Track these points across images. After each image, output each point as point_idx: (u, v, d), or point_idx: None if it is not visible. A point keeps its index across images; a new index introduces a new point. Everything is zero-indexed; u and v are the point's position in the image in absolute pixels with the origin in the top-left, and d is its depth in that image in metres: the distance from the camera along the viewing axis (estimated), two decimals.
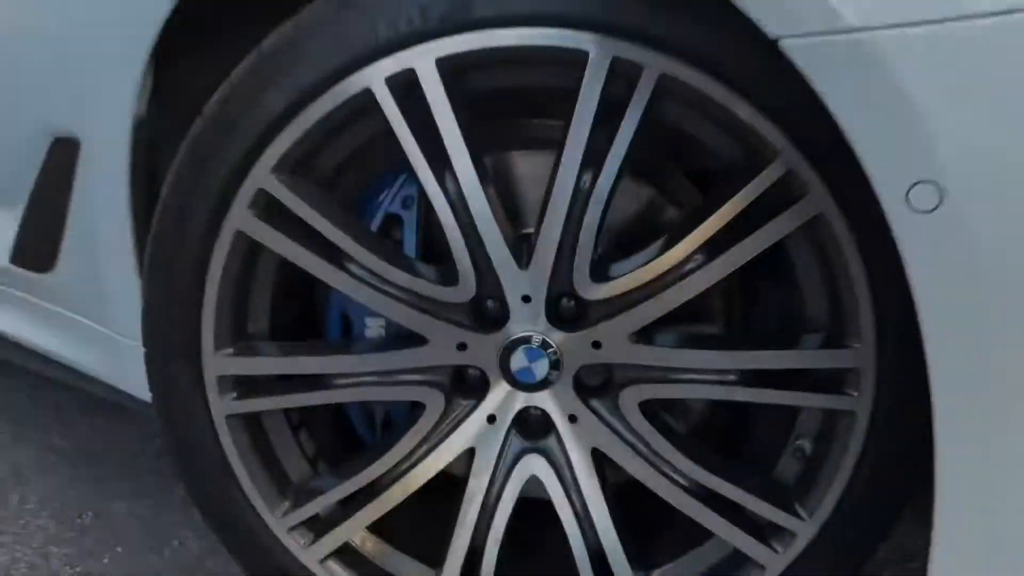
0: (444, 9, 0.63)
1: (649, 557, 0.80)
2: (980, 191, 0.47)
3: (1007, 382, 0.49)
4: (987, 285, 0.47)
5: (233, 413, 0.76)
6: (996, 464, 0.51)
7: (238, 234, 0.71)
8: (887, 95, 0.47)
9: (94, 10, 0.80)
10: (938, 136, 0.46)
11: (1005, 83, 0.46)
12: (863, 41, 0.47)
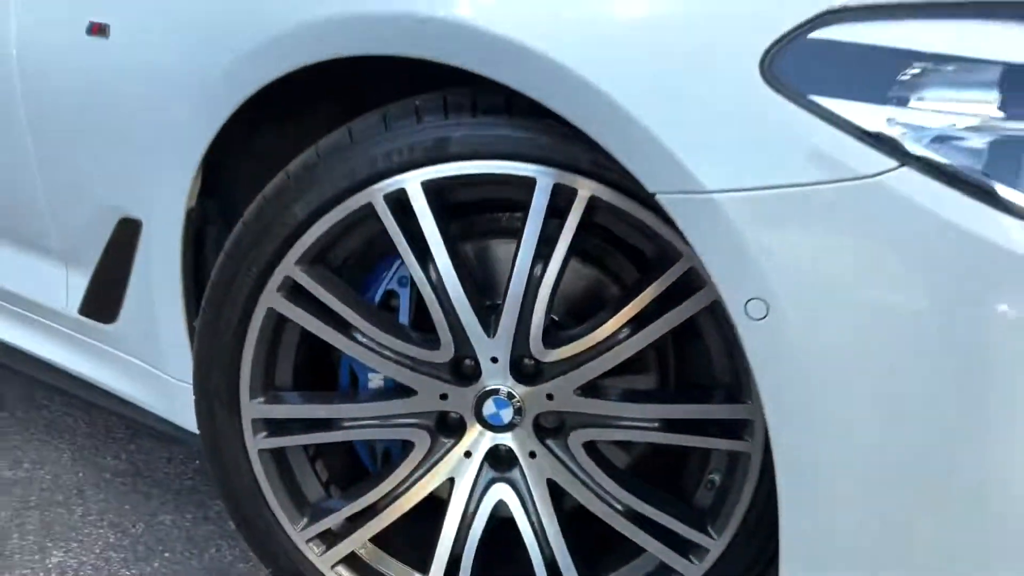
0: (428, 146, 0.83)
1: (596, 567, 0.98)
2: (796, 307, 0.66)
3: (822, 437, 0.68)
4: (797, 367, 0.67)
5: (263, 448, 0.97)
6: (819, 497, 0.70)
7: (269, 310, 0.91)
8: (727, 237, 0.66)
9: (160, 126, 1.01)
10: (764, 267, 0.66)
11: (809, 234, 0.65)
12: (711, 199, 0.66)
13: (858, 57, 0.64)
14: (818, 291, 0.65)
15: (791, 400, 0.68)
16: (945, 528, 0.67)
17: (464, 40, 0.76)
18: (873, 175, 0.62)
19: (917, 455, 0.66)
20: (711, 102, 0.67)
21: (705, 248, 0.68)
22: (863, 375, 0.66)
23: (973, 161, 0.62)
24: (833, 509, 0.71)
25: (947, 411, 0.64)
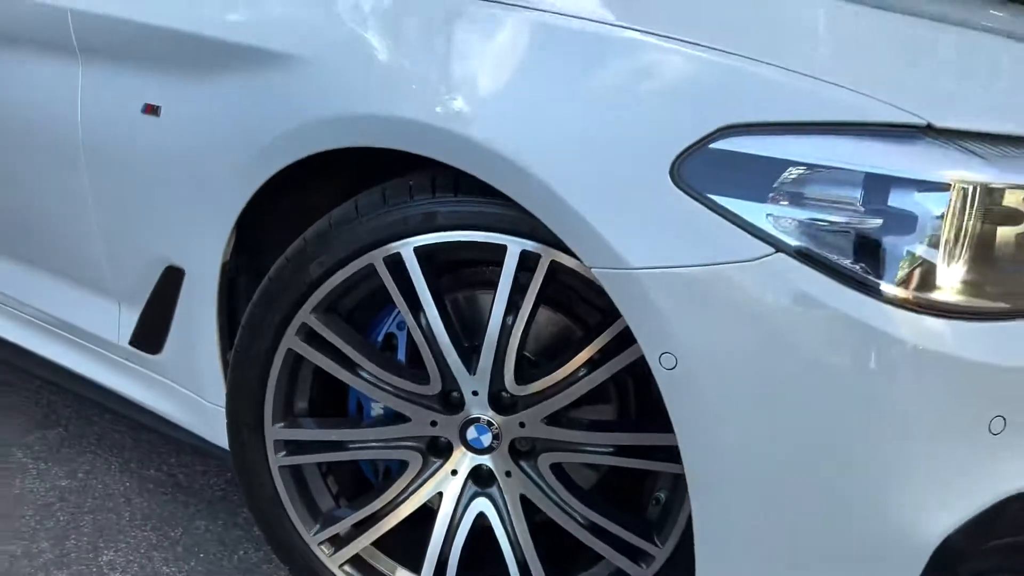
0: (419, 219, 1.02)
1: (562, 572, 1.15)
2: (698, 360, 0.83)
3: (718, 459, 0.85)
4: (699, 406, 0.84)
5: (283, 465, 1.15)
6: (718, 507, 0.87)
7: (289, 350, 1.10)
8: (645, 304, 0.83)
9: (201, 193, 1.21)
10: (674, 328, 0.83)
11: (707, 302, 0.82)
12: (633, 274, 0.84)
13: (746, 164, 0.81)
14: (715, 347, 0.82)
15: (695, 430, 0.85)
16: (816, 532, 0.84)
17: (434, 138, 0.95)
18: (754, 259, 0.80)
19: (794, 474, 0.83)
20: (633, 197, 0.85)
21: (629, 311, 0.85)
22: (748, 412, 0.82)
23: (834, 249, 0.79)
24: (730, 517, 0.87)
25: (815, 441, 0.81)
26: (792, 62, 0.84)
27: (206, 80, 1.19)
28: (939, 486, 0.79)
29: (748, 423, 0.83)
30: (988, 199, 0.79)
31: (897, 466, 0.80)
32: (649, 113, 0.86)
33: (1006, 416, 0.78)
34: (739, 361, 0.82)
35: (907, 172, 0.79)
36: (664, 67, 0.87)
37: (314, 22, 1.09)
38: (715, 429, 0.84)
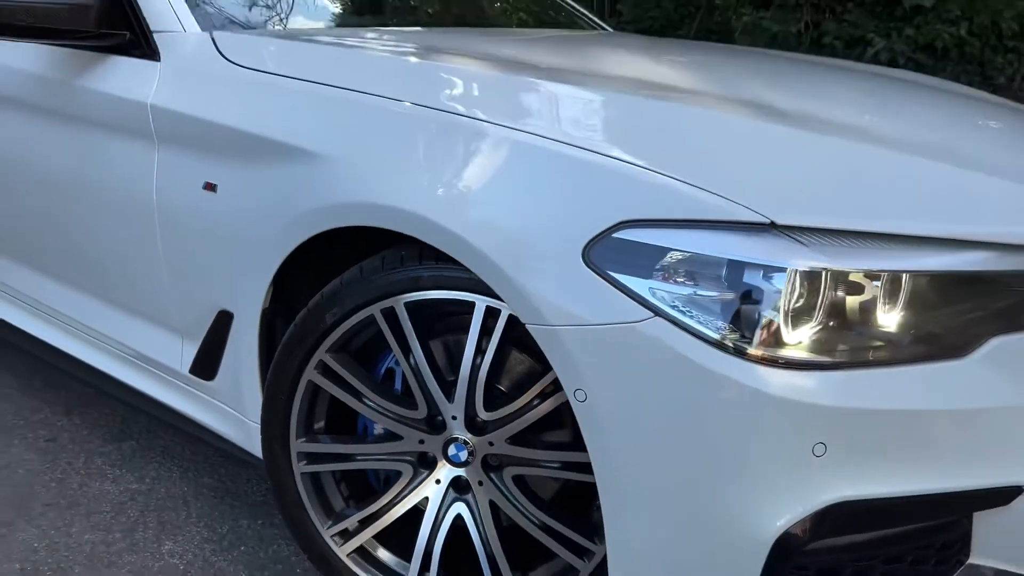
0: (407, 281, 1.31)
1: (527, 565, 1.42)
2: (601, 395, 1.10)
3: (618, 475, 1.12)
4: (603, 431, 1.11)
5: (304, 472, 1.45)
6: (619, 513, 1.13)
7: (309, 382, 1.41)
8: (562, 351, 1.11)
9: (248, 252, 1.52)
10: (583, 371, 1.10)
11: (606, 351, 1.09)
12: (554, 330, 1.12)
13: (637, 249, 1.09)
14: (612, 387, 1.10)
15: (601, 450, 1.12)
16: (691, 527, 1.10)
17: (414, 222, 1.24)
18: (639, 321, 1.07)
19: (672, 484, 1.09)
20: (556, 273, 1.12)
21: (552, 357, 1.13)
22: (637, 438, 1.09)
23: (698, 315, 1.06)
24: (627, 515, 1.14)
25: (686, 462, 1.07)
26: (676, 170, 1.12)
27: (252, 166, 1.51)
28: (776, 496, 1.05)
29: (637, 446, 1.09)
30: (813, 279, 1.05)
31: (745, 480, 1.05)
32: (569, 209, 1.14)
33: (826, 443, 1.04)
34: (630, 398, 1.09)
35: (756, 259, 1.05)
36: (581, 173, 1.15)
37: (334, 130, 1.40)
38: (614, 449, 1.11)
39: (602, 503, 1.15)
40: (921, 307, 1.10)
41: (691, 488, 1.09)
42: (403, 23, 2.27)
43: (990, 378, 1.12)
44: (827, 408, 1.03)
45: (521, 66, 1.55)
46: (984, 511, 1.17)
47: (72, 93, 1.87)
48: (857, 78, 2.02)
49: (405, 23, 2.26)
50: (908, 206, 1.16)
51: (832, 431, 1.04)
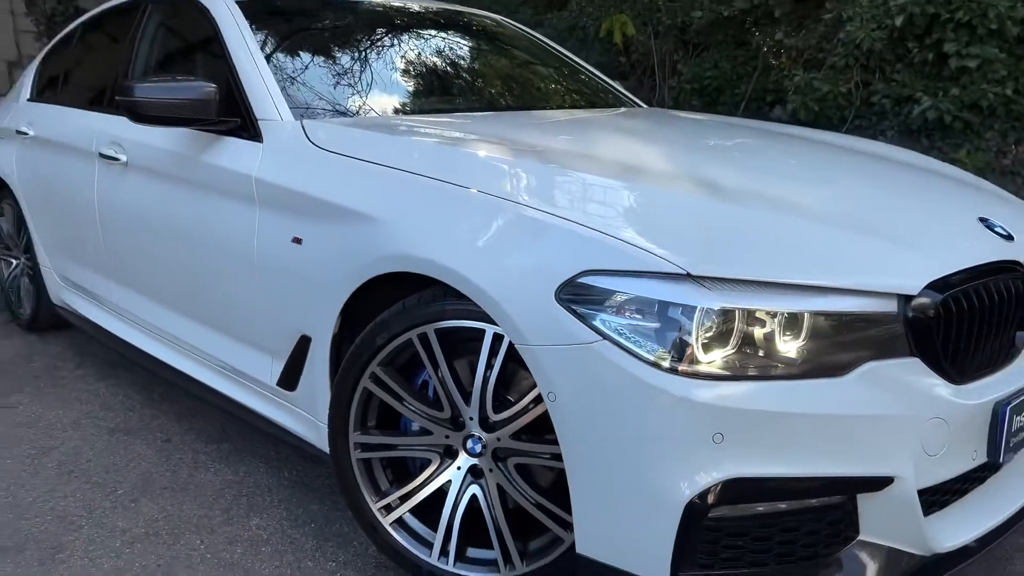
0: (436, 313, 1.76)
1: (526, 537, 1.82)
2: (566, 396, 1.51)
3: (581, 460, 1.52)
4: (569, 424, 1.51)
5: (359, 458, 1.90)
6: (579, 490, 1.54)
7: (364, 389, 1.86)
8: (538, 365, 1.53)
9: (323, 290, 2.00)
10: (553, 379, 1.52)
11: (571, 365, 1.51)
12: (533, 348, 1.54)
13: (593, 291, 1.50)
14: (573, 391, 1.51)
15: (567, 439, 1.53)
16: (631, 496, 1.48)
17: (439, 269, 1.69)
18: (591, 342, 1.48)
19: (616, 464, 1.49)
20: (537, 307, 1.55)
21: (532, 367, 1.55)
22: (592, 430, 1.50)
23: (635, 339, 1.46)
24: (586, 490, 1.53)
25: (625, 448, 1.47)
26: (625, 235, 1.53)
27: (327, 224, 2.00)
28: (686, 473, 1.43)
29: (593, 436, 1.50)
30: (719, 315, 1.44)
31: (666, 462, 1.44)
32: (547, 260, 1.56)
33: (724, 433, 1.42)
34: (586, 400, 1.49)
35: (676, 299, 1.46)
36: (557, 234, 1.57)
37: (383, 199, 1.87)
38: (577, 439, 1.52)
39: (569, 481, 1.56)
40: (810, 337, 1.48)
41: (630, 468, 1.48)
42: (464, 107, 2.74)
43: (863, 393, 1.49)
44: (723, 409, 1.42)
45: (530, 150, 2.00)
46: (866, 495, 1.52)
47: (196, 165, 2.42)
48: (812, 150, 2.40)
49: (465, 107, 2.74)
50: (800, 262, 1.54)
51: (728, 426, 1.42)
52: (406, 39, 2.99)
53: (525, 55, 3.34)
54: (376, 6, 3.18)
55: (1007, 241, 1.79)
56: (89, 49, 3.61)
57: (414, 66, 2.85)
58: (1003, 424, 1.63)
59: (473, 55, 3.14)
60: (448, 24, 3.28)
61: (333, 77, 2.59)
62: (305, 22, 2.90)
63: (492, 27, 3.45)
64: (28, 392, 3.13)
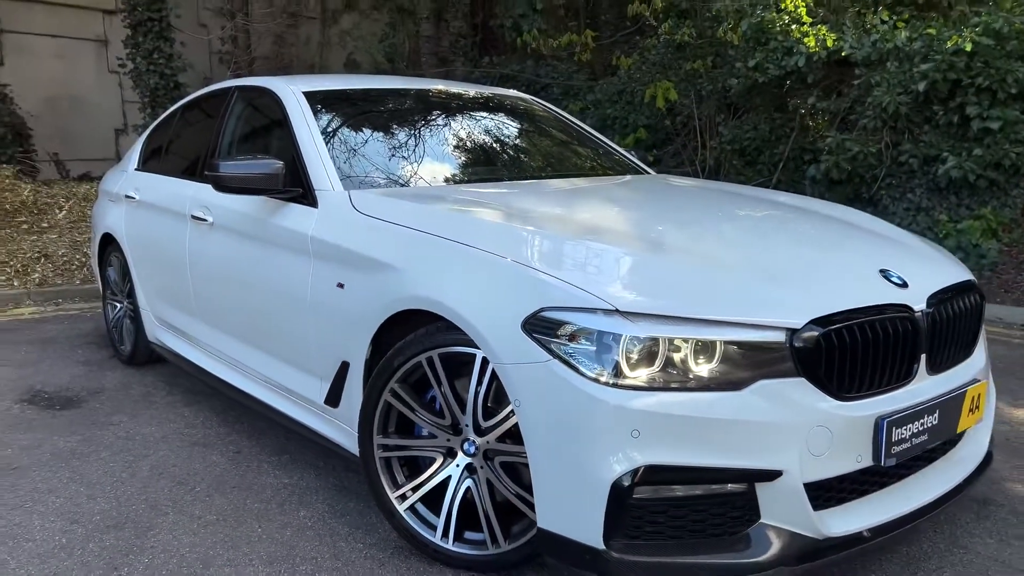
0: (439, 340, 2.26)
1: (510, 522, 2.28)
2: (526, 402, 1.99)
3: (537, 452, 1.99)
4: (529, 424, 1.99)
5: (381, 457, 2.41)
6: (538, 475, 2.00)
7: (385, 401, 2.37)
8: (508, 380, 2.02)
9: (358, 324, 2.53)
10: (518, 391, 2.00)
11: (532, 381, 1.98)
12: (504, 365, 2.03)
13: (549, 322, 1.99)
14: (531, 399, 1.98)
15: (530, 438, 1.99)
16: (574, 476, 1.93)
17: (439, 306, 2.20)
18: (544, 361, 1.97)
19: (565, 458, 1.94)
20: (508, 337, 2.03)
21: (504, 381, 2.04)
22: (547, 430, 1.96)
23: (578, 359, 1.94)
24: (544, 480, 1.99)
25: (570, 443, 1.93)
26: (576, 280, 2.01)
27: (363, 272, 2.54)
28: (612, 460, 1.87)
29: (547, 433, 1.96)
30: (639, 341, 1.90)
31: (598, 452, 1.89)
32: (516, 300, 2.05)
33: (640, 430, 1.87)
34: (542, 406, 1.96)
35: (608, 329, 1.92)
36: (525, 280, 2.06)
37: (403, 253, 2.41)
38: (536, 436, 1.98)
39: (531, 470, 2.02)
40: (717, 360, 1.92)
41: (573, 458, 1.93)
42: (484, 177, 3.28)
43: (756, 403, 1.92)
44: (640, 411, 1.87)
45: (520, 214, 2.52)
46: (762, 485, 1.94)
47: (266, 226, 3.02)
48: (757, 210, 2.89)
49: (484, 178, 3.27)
50: (710, 302, 1.99)
51: (643, 425, 1.87)
52: (438, 119, 3.57)
53: (548, 131, 3.89)
54: (415, 92, 3.79)
55: (901, 288, 2.19)
56: (185, 127, 4.32)
57: (443, 143, 3.42)
58: (883, 435, 2.02)
59: (497, 132, 3.69)
60: (478, 105, 3.86)
61: (375, 154, 3.17)
62: (355, 108, 3.51)
63: (520, 106, 4.01)
64: (127, 413, 3.76)
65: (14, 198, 8.50)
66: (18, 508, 2.79)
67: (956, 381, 2.28)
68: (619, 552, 1.93)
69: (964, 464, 2.41)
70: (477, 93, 4.00)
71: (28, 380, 4.28)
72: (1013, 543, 2.46)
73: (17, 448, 3.34)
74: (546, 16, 10.29)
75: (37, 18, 10.68)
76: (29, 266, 6.98)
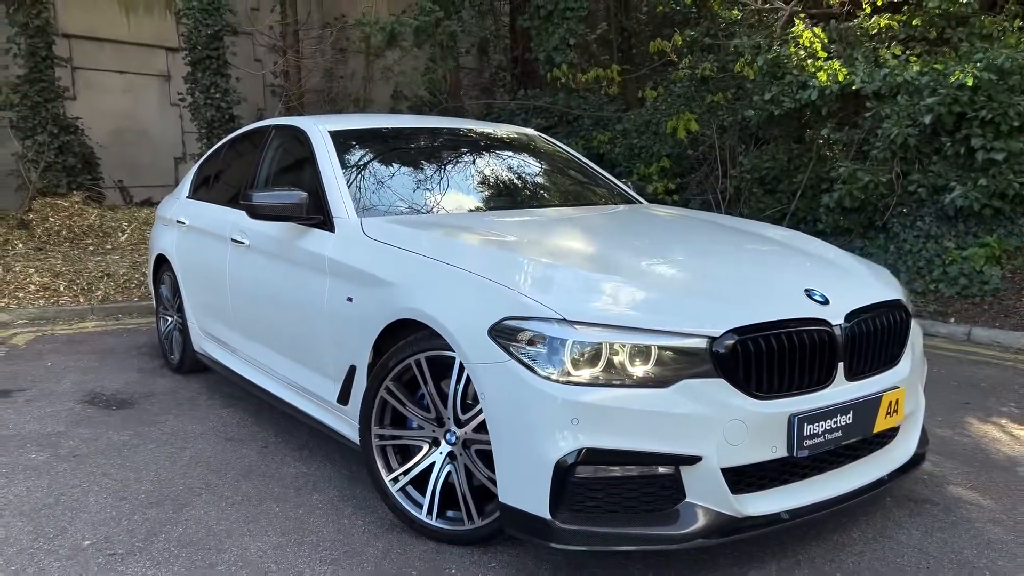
0: (424, 346, 2.67)
1: (485, 503, 2.66)
2: (491, 396, 2.38)
3: (496, 437, 2.38)
4: (491, 413, 2.38)
5: (378, 445, 2.82)
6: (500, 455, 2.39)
7: (381, 397, 2.79)
8: (475, 374, 2.41)
9: (363, 331, 2.96)
10: (483, 383, 2.40)
11: (495, 377, 2.38)
12: (475, 365, 2.42)
13: (510, 329, 2.38)
14: (494, 392, 2.37)
15: (492, 424, 2.38)
16: (525, 454, 2.31)
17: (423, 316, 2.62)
18: (503, 361, 2.35)
19: (516, 439, 2.33)
20: (476, 340, 2.43)
21: (473, 378, 2.43)
22: (506, 417, 2.35)
23: (530, 358, 2.32)
24: (504, 459, 2.37)
25: (524, 428, 2.31)
26: (534, 295, 2.40)
27: (368, 288, 2.97)
28: (556, 442, 2.24)
29: (505, 420, 2.35)
30: (584, 345, 2.28)
31: (544, 436, 2.27)
32: (484, 310, 2.45)
33: (579, 418, 2.24)
34: (501, 398, 2.36)
35: (556, 335, 2.31)
36: (493, 292, 2.46)
37: (399, 271, 2.83)
38: (497, 423, 2.37)
39: (493, 452, 2.41)
40: (652, 363, 2.29)
41: (527, 441, 2.31)
42: (481, 206, 3.71)
43: (680, 399, 2.28)
44: (580, 403, 2.24)
45: (499, 239, 2.93)
46: (685, 468, 2.30)
47: (292, 248, 3.48)
48: (711, 235, 3.30)
49: (481, 206, 3.71)
50: (645, 313, 2.36)
51: (582, 414, 2.24)
52: (444, 154, 4.02)
53: (547, 164, 4.30)
54: (427, 130, 4.25)
55: (822, 305, 2.54)
56: (230, 160, 4.85)
57: (448, 175, 3.86)
58: (795, 430, 2.36)
59: (497, 165, 4.12)
60: (483, 141, 4.30)
61: (386, 185, 3.62)
62: (372, 145, 3.98)
63: (524, 141, 4.44)
64: (173, 414, 4.24)
65: (82, 222, 9.23)
66: (78, 487, 3.27)
67: (875, 387, 2.60)
68: (563, 522, 2.30)
69: (886, 464, 2.73)
70: (483, 130, 4.44)
71: (89, 384, 4.81)
72: (935, 535, 2.76)
73: (78, 440, 3.84)
74: (579, 50, 10.75)
75: (107, 56, 11.54)
76: (93, 284, 7.62)
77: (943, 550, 2.65)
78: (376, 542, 2.76)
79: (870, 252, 7.13)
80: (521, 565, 2.58)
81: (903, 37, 7.97)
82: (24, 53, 9.47)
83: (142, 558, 2.66)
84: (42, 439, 3.84)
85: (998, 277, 6.17)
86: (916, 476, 3.23)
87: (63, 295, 7.37)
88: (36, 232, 8.91)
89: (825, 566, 2.55)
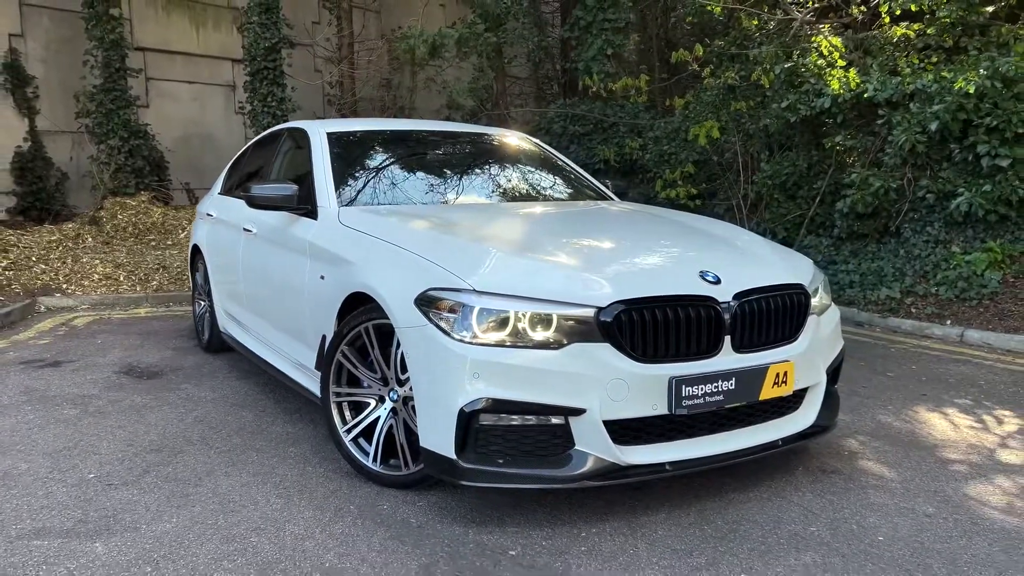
0: (373, 315, 3.10)
1: (419, 452, 3.06)
2: (413, 354, 2.79)
3: (421, 395, 2.78)
4: (416, 370, 2.79)
5: (335, 402, 3.25)
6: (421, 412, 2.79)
7: (337, 360, 3.22)
8: (403, 336, 2.82)
9: (329, 305, 3.40)
10: (407, 343, 2.81)
11: (423, 340, 2.78)
12: (401, 328, 2.84)
13: (431, 297, 2.78)
14: (415, 350, 2.78)
15: (414, 377, 2.79)
16: (437, 406, 2.71)
17: (369, 289, 3.04)
18: (423, 325, 2.75)
19: (434, 392, 2.72)
20: (404, 308, 2.84)
21: (401, 340, 2.85)
22: (423, 371, 2.75)
23: (444, 322, 2.72)
24: (422, 409, 2.77)
25: (440, 381, 2.71)
26: (456, 269, 2.80)
27: (335, 267, 3.41)
28: (460, 393, 2.62)
29: (423, 375, 2.75)
30: (488, 312, 2.67)
31: (452, 388, 2.65)
32: (412, 281, 2.86)
33: (480, 373, 2.62)
34: (420, 356, 2.76)
35: (465, 302, 2.70)
36: (420, 267, 2.87)
37: (359, 252, 3.26)
38: (417, 377, 2.77)
39: (415, 403, 2.81)
40: (549, 328, 2.66)
41: (440, 392, 2.70)
42: (452, 199, 4.13)
43: (568, 360, 2.64)
44: (482, 360, 2.62)
45: (445, 224, 3.34)
46: (573, 419, 2.65)
47: (284, 234, 3.96)
48: (645, 224, 3.65)
49: (452, 200, 4.13)
50: (545, 286, 2.72)
51: (483, 370, 2.62)
52: (429, 153, 4.46)
53: (528, 164, 4.70)
54: (417, 132, 4.69)
55: (713, 284, 2.86)
56: (252, 159, 5.39)
57: (427, 171, 4.29)
58: (673, 391, 2.69)
59: (475, 163, 4.53)
60: (469, 142, 4.73)
61: (368, 179, 4.07)
62: (363, 146, 4.44)
63: (509, 143, 4.84)
64: (192, 383, 4.79)
65: (146, 219, 10.03)
66: (95, 436, 3.81)
67: (763, 360, 2.90)
68: (468, 462, 2.68)
69: (783, 430, 3.02)
70: (473, 132, 4.86)
71: (129, 359, 5.41)
72: (826, 497, 3.03)
73: (106, 401, 4.40)
74: (617, 60, 11.09)
75: (177, 67, 12.44)
76: (150, 275, 8.34)
77: (825, 508, 2.92)
78: (328, 484, 3.19)
79: (881, 257, 7.26)
80: (443, 504, 2.97)
81: (921, 47, 8.05)
82: (100, 64, 10.36)
83: (132, 488, 3.16)
84: (77, 399, 4.42)
85: (997, 281, 6.25)
86: (835, 450, 3.49)
87: (122, 284, 8.10)
88: (105, 228, 9.73)
89: (712, 515, 2.86)
